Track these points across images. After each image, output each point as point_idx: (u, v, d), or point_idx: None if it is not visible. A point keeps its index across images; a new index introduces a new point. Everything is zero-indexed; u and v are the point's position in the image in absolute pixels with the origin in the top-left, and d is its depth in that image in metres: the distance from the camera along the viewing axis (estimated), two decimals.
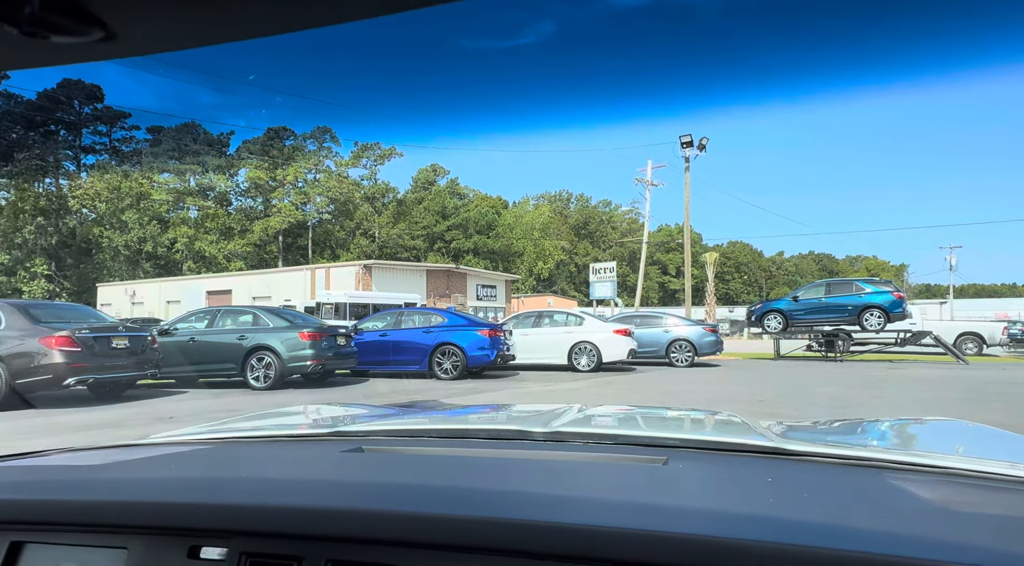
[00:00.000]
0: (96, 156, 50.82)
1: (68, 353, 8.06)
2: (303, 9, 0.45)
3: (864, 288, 18.02)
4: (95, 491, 0.88)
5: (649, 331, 15.96)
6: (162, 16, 0.46)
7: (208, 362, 10.71)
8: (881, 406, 8.45)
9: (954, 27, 38.74)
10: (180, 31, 0.48)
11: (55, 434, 6.18)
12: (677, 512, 0.73)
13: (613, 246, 71.03)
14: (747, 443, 1.14)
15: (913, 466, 1.01)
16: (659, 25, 50.60)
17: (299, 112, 62.97)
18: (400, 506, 0.76)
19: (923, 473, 0.98)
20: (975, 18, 36.86)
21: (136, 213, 45.65)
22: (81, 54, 0.49)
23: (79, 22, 0.44)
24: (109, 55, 0.49)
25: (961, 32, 38.10)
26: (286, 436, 1.37)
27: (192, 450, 1.20)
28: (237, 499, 0.82)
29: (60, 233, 44.85)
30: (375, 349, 12.48)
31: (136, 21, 0.47)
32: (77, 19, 0.45)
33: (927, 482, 0.92)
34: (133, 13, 0.46)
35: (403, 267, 35.14)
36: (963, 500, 0.86)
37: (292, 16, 0.46)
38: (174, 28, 0.48)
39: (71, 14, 0.44)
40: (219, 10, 0.45)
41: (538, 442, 1.19)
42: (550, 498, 0.79)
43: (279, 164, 51.83)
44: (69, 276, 44.43)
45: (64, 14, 0.44)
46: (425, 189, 63.20)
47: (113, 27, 0.45)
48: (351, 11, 0.47)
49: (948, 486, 0.92)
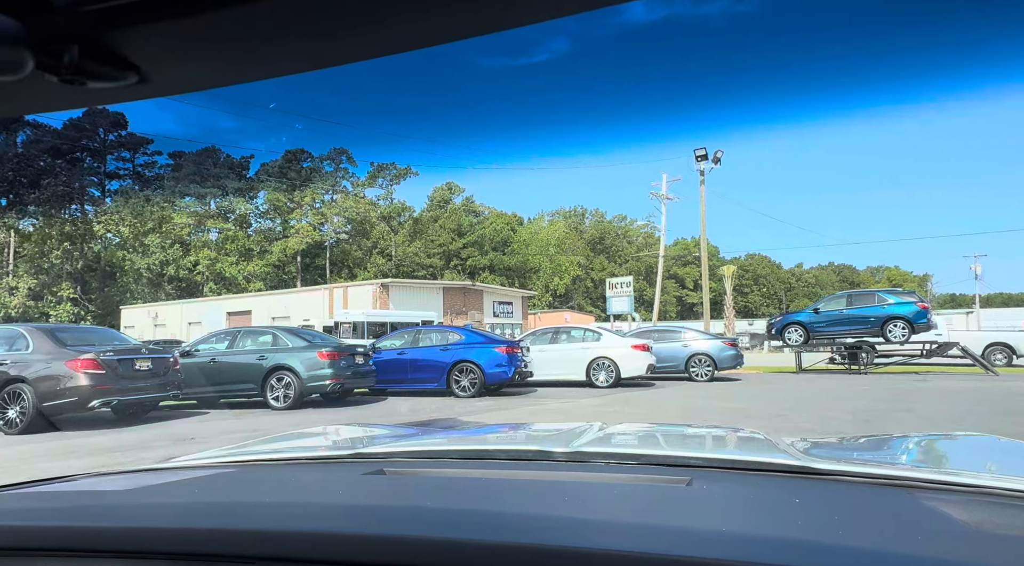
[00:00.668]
0: (120, 182, 52.10)
1: (93, 376, 8.19)
2: (324, 49, 0.47)
3: (887, 299, 17.70)
4: (120, 517, 0.88)
5: (668, 346, 15.81)
6: (190, 59, 0.48)
7: (229, 382, 10.82)
8: (909, 420, 8.26)
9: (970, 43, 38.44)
10: (207, 72, 0.50)
11: (79, 457, 6.26)
12: (702, 536, 0.72)
13: (629, 260, 70.76)
14: (772, 462, 1.12)
15: (946, 485, 0.99)
16: (673, 40, 50.87)
17: (316, 134, 64.09)
18: (423, 531, 0.76)
19: (956, 493, 0.95)
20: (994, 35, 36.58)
21: (158, 236, 46.58)
22: (113, 96, 0.51)
23: (113, 68, 0.46)
24: (140, 96, 0.51)
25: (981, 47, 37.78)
26: (307, 459, 1.38)
27: (214, 474, 1.21)
28: (260, 525, 0.82)
29: (85, 258, 45.87)
30: (393, 367, 12.51)
31: (166, 65, 0.49)
32: (111, 65, 0.47)
33: (961, 502, 0.90)
34: (163, 57, 0.48)
35: (420, 285, 35.33)
36: (999, 521, 0.83)
37: (314, 55, 0.48)
38: (201, 70, 0.50)
39: (106, 60, 0.46)
40: (243, 52, 0.47)
41: (559, 462, 1.18)
42: (573, 522, 0.79)
43: (297, 186, 52.67)
44: (94, 299, 45.32)
45: (99, 61, 0.45)
46: (440, 207, 63.70)
47: (145, 71, 0.47)
48: (372, 49, 0.49)
49: (983, 506, 0.89)
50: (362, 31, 0.46)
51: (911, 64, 44.90)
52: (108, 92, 0.50)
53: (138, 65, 0.47)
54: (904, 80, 44.78)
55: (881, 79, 50.86)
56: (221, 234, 51.78)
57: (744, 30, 48.51)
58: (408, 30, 0.46)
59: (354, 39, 0.47)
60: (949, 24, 39.35)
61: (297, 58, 0.49)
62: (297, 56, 0.49)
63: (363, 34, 0.46)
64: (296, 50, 0.48)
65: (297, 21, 0.45)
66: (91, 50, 0.45)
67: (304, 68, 0.49)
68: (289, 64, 0.49)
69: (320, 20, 0.45)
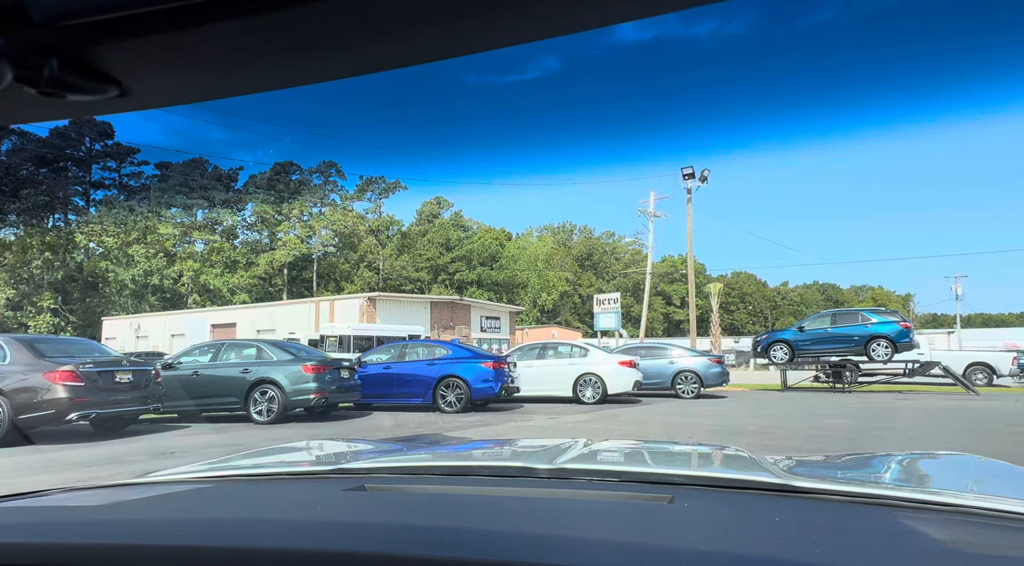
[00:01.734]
0: (105, 191, 51.62)
1: (71, 388, 8.03)
2: (307, 66, 0.47)
3: (870, 318, 17.90)
4: (93, 534, 0.87)
5: (654, 362, 15.85)
6: (172, 74, 0.48)
7: (211, 396, 10.66)
8: (891, 439, 8.32)
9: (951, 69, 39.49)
10: (188, 87, 0.50)
11: (56, 471, 6.13)
12: (682, 555, 0.72)
13: (617, 277, 71.07)
14: (754, 480, 1.12)
15: (926, 504, 0.99)
16: (661, 60, 51.70)
17: (305, 147, 64.11)
18: (403, 549, 0.75)
19: (936, 512, 0.96)
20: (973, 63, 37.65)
21: (143, 247, 46.10)
22: (94, 109, 0.51)
23: (93, 81, 0.46)
24: (121, 109, 0.51)
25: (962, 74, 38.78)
26: (288, 474, 1.36)
27: (193, 489, 1.19)
28: (238, 542, 0.81)
29: (67, 267, 45.24)
30: (379, 382, 12.41)
31: (147, 79, 0.48)
32: (92, 78, 0.46)
33: (940, 522, 0.90)
34: (145, 71, 0.48)
35: (407, 299, 35.20)
36: (978, 541, 0.84)
37: (297, 72, 0.48)
38: (183, 84, 0.50)
39: (86, 74, 0.46)
40: (226, 68, 0.47)
41: (542, 479, 1.18)
42: (555, 539, 0.78)
43: (285, 198, 52.50)
44: (75, 310, 44.64)
45: (79, 74, 0.45)
46: (429, 222, 63.73)
47: (126, 84, 0.47)
48: (355, 68, 0.49)
49: (962, 526, 0.90)
50: (346, 50, 0.46)
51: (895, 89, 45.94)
52: (88, 105, 0.49)
53: (119, 79, 0.47)
54: (888, 104, 45.81)
55: (866, 102, 52.02)
56: (207, 245, 51.36)
57: (732, 52, 49.50)
58: (393, 49, 0.46)
59: (337, 57, 0.47)
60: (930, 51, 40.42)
61: (280, 74, 0.49)
62: (280, 72, 0.49)
63: (347, 53, 0.46)
64: (279, 67, 0.48)
65: (279, 38, 0.45)
66: (71, 64, 0.45)
67: (287, 84, 0.49)
68: (272, 80, 0.49)
69: (303, 37, 0.45)
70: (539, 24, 0.45)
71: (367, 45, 0.45)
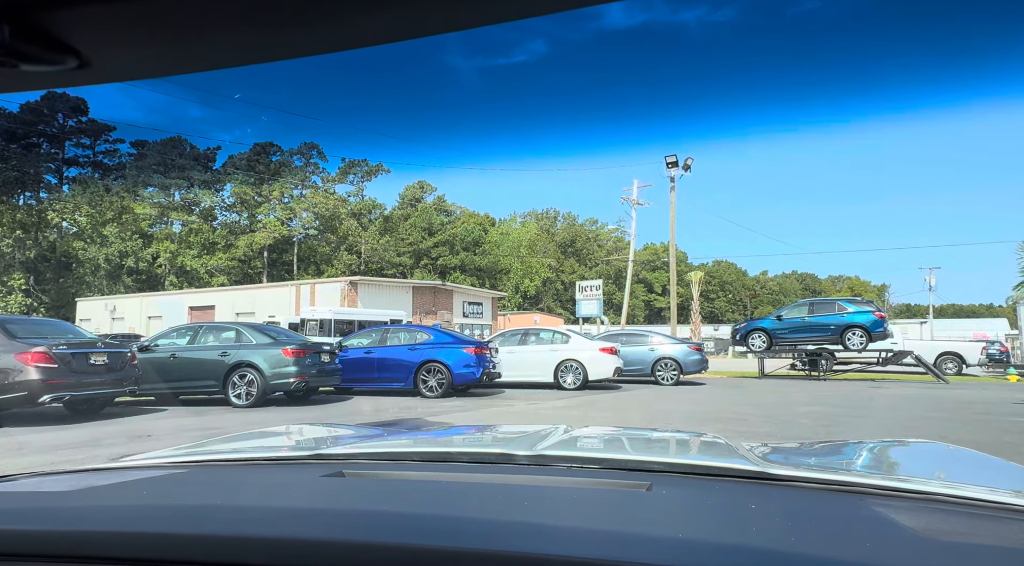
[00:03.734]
0: (79, 169, 50.34)
1: (44, 369, 7.88)
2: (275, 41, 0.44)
3: (846, 308, 18.23)
4: (63, 520, 0.85)
5: (635, 349, 15.99)
6: (136, 45, 0.46)
7: (189, 379, 10.54)
8: (865, 426, 8.51)
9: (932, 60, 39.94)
10: (153, 60, 0.47)
11: (27, 454, 6.02)
12: (659, 542, 0.73)
13: (599, 264, 71.38)
14: (731, 467, 1.14)
15: (895, 491, 1.01)
16: (649, 47, 51.56)
17: (287, 128, 63.06)
18: (379, 537, 0.75)
19: (905, 499, 0.98)
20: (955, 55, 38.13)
21: (118, 227, 45.13)
22: (53, 81, 0.48)
23: (51, 51, 0.43)
24: (82, 82, 0.48)
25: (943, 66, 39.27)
26: (264, 459, 1.35)
27: (167, 474, 1.17)
28: (212, 529, 0.80)
29: (39, 247, 44.18)
30: (360, 366, 12.36)
31: (109, 50, 0.46)
32: (49, 48, 0.43)
33: (908, 509, 0.92)
34: (106, 42, 0.45)
35: (389, 284, 35.00)
36: (945, 528, 0.86)
37: (271, 47, 0.46)
38: (148, 57, 0.47)
39: (43, 43, 0.43)
40: (192, 40, 0.44)
41: (521, 465, 1.18)
42: (532, 527, 0.78)
43: (265, 179, 51.68)
44: (48, 290, 43.69)
45: (36, 43, 0.42)
46: (412, 206, 63.27)
47: (86, 56, 0.44)
48: (329, 44, 0.47)
49: (929, 513, 0.92)
50: (323, 24, 0.43)
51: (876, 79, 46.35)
52: (45, 76, 0.46)
53: (78, 49, 0.44)
54: (868, 95, 46.25)
55: (848, 92, 52.52)
56: (185, 227, 50.46)
57: (719, 39, 49.53)
58: (374, 24, 0.44)
59: (313, 32, 0.44)
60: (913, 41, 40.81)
61: (252, 49, 0.46)
62: (252, 47, 0.46)
63: (324, 27, 0.44)
64: (251, 40, 0.45)
65: (251, 10, 0.42)
66: (24, 31, 0.42)
67: (260, 59, 0.47)
68: (243, 55, 0.46)
69: (277, 10, 0.42)
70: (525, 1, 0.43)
71: (345, 19, 0.43)
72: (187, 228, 50.18)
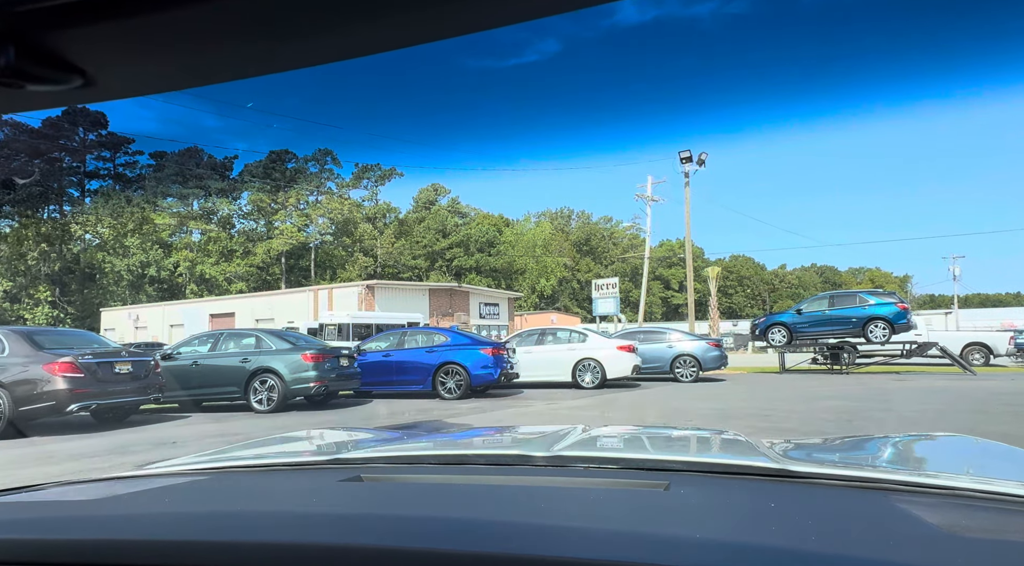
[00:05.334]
0: (100, 182, 51.33)
1: (71, 379, 8.04)
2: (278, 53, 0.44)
3: (868, 300, 17.94)
4: (86, 529, 0.86)
5: (653, 347, 15.89)
6: (139, 61, 0.46)
7: (211, 386, 10.69)
8: (889, 420, 8.37)
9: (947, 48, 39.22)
10: (157, 75, 0.48)
11: (57, 462, 6.15)
12: (677, 543, 0.72)
13: (615, 262, 71.06)
14: (750, 465, 1.12)
15: (922, 487, 0.99)
16: (662, 42, 51.21)
17: (301, 135, 63.61)
18: (395, 541, 0.75)
19: (932, 495, 0.96)
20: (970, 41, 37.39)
21: (139, 238, 45.93)
22: (59, 99, 0.48)
23: (56, 70, 0.44)
24: (87, 100, 0.49)
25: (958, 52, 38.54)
26: (284, 465, 1.36)
27: (189, 482, 1.19)
28: (233, 536, 0.80)
29: (64, 259, 45.10)
30: (378, 370, 12.43)
31: (113, 67, 0.46)
32: (54, 67, 0.44)
33: (937, 505, 0.90)
34: (110, 60, 0.46)
35: (406, 286, 35.19)
36: (973, 525, 0.84)
37: (268, 59, 0.46)
38: (152, 72, 0.47)
39: (48, 63, 0.43)
40: (195, 54, 0.44)
41: (539, 467, 1.17)
42: (549, 529, 0.78)
43: (281, 186, 52.26)
44: (73, 302, 44.58)
45: (40, 64, 0.43)
46: (426, 209, 63.52)
47: (91, 74, 0.45)
48: (339, 51, 0.47)
49: (958, 509, 0.90)
50: (325, 33, 0.43)
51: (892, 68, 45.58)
52: (52, 96, 0.47)
53: (82, 68, 0.44)
54: (886, 84, 45.49)
55: (865, 82, 51.69)
56: (203, 235, 51.20)
57: (733, 32, 49.05)
58: (372, 32, 0.44)
59: (314, 42, 0.44)
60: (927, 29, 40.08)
61: (255, 61, 0.46)
62: (255, 59, 0.46)
63: (326, 36, 0.44)
64: (252, 52, 0.45)
65: (250, 22, 0.42)
66: (29, 52, 0.43)
67: (263, 71, 0.47)
68: (245, 67, 0.46)
69: (277, 20, 0.42)
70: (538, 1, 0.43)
71: (348, 28, 0.43)
72: (206, 236, 50.91)
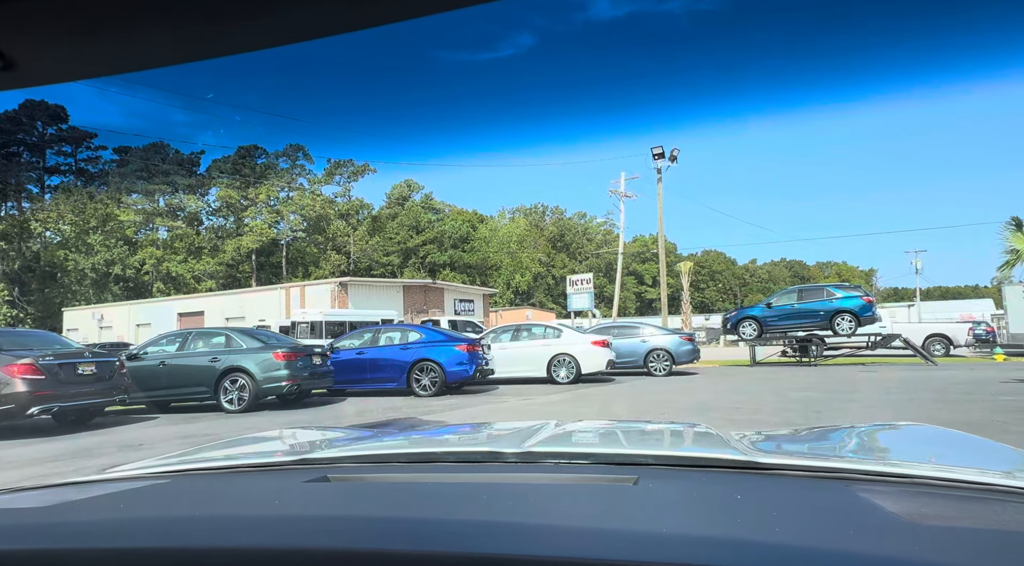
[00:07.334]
0: (61, 177, 49.74)
1: (31, 381, 7.79)
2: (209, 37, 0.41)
3: (835, 293, 18.37)
4: (34, 538, 0.82)
5: (627, 341, 16.04)
6: (63, 45, 0.43)
7: (180, 386, 10.45)
8: (855, 410, 8.58)
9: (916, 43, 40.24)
10: (83, 60, 0.45)
11: (16, 467, 5.95)
12: (644, 538, 0.72)
13: (590, 258, 71.49)
14: (719, 458, 1.13)
15: (884, 476, 1.01)
16: (635, 37, 51.55)
17: (271, 129, 62.47)
18: (360, 543, 0.73)
19: (894, 484, 0.97)
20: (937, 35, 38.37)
21: (102, 235, 44.63)
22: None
23: None
24: (8, 86, 0.45)
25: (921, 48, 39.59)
26: (249, 466, 1.32)
27: (147, 486, 1.15)
28: (191, 542, 0.78)
29: (23, 257, 43.62)
30: (352, 367, 12.31)
31: (34, 51, 0.44)
32: None
33: (898, 494, 0.92)
34: (31, 43, 0.43)
35: (379, 283, 34.87)
36: (932, 512, 0.86)
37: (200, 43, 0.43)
38: (77, 57, 0.44)
39: None
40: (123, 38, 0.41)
41: (509, 463, 1.16)
42: (518, 527, 0.77)
43: (251, 182, 51.30)
44: (33, 301, 43.16)
45: None
46: (399, 205, 63.02)
47: (11, 57, 0.42)
48: (289, 33, 0.44)
49: (916, 497, 0.92)
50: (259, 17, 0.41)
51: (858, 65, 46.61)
52: None
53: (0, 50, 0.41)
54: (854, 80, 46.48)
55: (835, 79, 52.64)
56: (170, 232, 50.03)
57: (704, 28, 49.53)
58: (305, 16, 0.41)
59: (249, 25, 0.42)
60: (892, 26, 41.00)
61: (188, 45, 0.43)
62: (188, 43, 0.43)
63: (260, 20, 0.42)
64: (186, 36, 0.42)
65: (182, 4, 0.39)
66: None
67: (198, 57, 0.44)
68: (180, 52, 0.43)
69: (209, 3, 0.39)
70: None
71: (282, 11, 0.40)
72: (173, 234, 49.77)
